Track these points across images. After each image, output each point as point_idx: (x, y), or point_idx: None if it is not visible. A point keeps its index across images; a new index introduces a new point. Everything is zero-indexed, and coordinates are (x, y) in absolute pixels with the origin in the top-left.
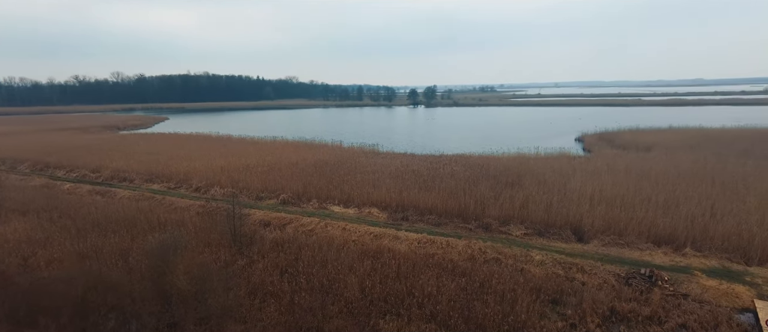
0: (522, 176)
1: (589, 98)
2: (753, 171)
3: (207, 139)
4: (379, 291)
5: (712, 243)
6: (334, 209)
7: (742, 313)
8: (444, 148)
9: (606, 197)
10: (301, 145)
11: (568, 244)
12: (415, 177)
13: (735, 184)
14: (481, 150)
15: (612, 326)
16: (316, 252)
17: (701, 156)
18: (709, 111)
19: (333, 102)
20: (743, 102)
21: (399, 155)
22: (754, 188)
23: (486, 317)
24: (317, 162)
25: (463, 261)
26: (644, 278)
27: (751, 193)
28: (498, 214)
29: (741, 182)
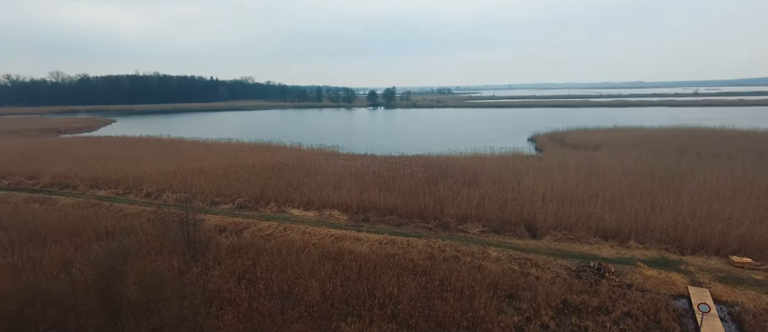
0: (478, 175)
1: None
2: (687, 167)
3: (158, 142)
4: (341, 293)
5: (652, 235)
6: (293, 212)
7: (677, 299)
8: (404, 149)
9: (557, 195)
10: (258, 147)
11: (522, 240)
12: (375, 178)
13: (671, 180)
14: (440, 151)
15: (564, 318)
16: (275, 256)
17: (642, 154)
18: (648, 111)
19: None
20: (676, 104)
21: (359, 157)
22: (687, 183)
23: (446, 314)
24: (275, 164)
25: (423, 260)
26: (593, 270)
27: (685, 188)
28: (456, 213)
29: (676, 177)
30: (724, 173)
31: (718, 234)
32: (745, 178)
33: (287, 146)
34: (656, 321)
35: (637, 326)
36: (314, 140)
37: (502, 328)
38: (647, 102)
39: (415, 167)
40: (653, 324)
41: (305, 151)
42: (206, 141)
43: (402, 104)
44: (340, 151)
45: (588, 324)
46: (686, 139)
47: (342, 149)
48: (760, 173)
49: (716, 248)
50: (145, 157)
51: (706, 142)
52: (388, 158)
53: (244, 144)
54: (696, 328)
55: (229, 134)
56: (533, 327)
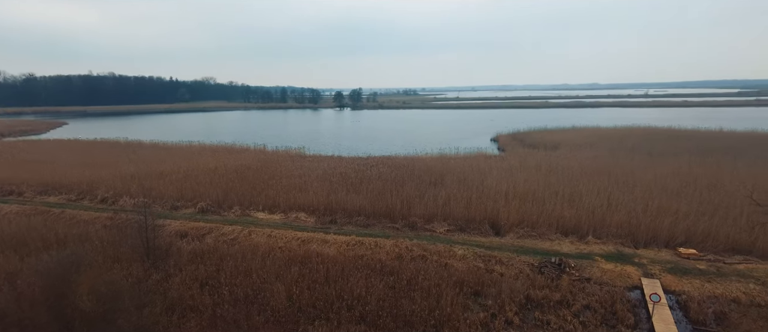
0: (444, 175)
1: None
2: (639, 165)
3: (114, 145)
4: (308, 297)
5: (608, 231)
6: (258, 215)
7: (632, 291)
8: (371, 150)
9: (519, 193)
10: (221, 149)
11: (486, 238)
12: (343, 180)
13: (625, 177)
14: (407, 151)
15: (528, 313)
16: (240, 261)
17: (599, 153)
18: (603, 112)
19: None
20: (629, 104)
21: (326, 158)
22: (640, 180)
23: (413, 313)
24: (239, 167)
25: (391, 260)
26: (554, 266)
27: (637, 184)
28: (423, 212)
29: (630, 175)
30: (672, 169)
31: (667, 228)
32: (691, 174)
33: (251, 148)
34: (613, 313)
35: (596, 318)
36: (279, 141)
37: (468, 325)
38: (602, 103)
39: (382, 168)
40: (610, 316)
41: (270, 153)
42: (166, 144)
43: (368, 105)
44: (306, 153)
45: (550, 318)
46: (638, 138)
47: (308, 150)
48: (703, 169)
49: (666, 241)
50: (100, 161)
51: (656, 141)
52: (356, 160)
53: (206, 146)
54: (648, 317)
55: (190, 137)
56: (498, 323)
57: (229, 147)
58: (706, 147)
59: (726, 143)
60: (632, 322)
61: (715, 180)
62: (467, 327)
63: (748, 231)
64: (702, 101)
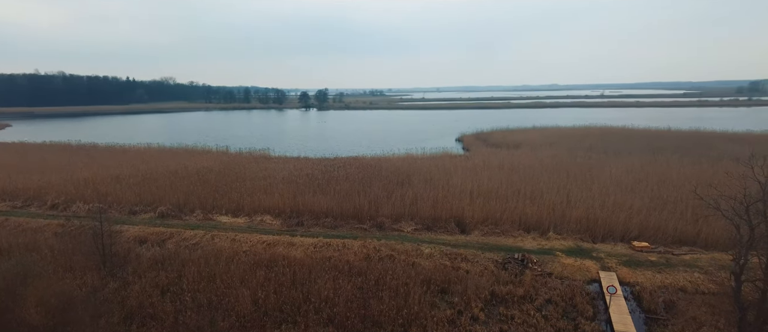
0: (411, 175)
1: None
2: (596, 163)
3: (66, 148)
4: (274, 300)
5: (568, 226)
6: (221, 219)
7: (590, 284)
8: (338, 150)
9: (483, 191)
10: (181, 151)
11: (453, 236)
12: (309, 181)
13: (583, 174)
14: (374, 152)
15: (493, 308)
16: (203, 266)
17: (558, 152)
18: (562, 112)
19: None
20: (586, 104)
21: (292, 159)
22: (597, 177)
23: (382, 313)
24: (200, 170)
25: (359, 261)
26: (518, 262)
27: (595, 182)
28: (390, 212)
29: (587, 172)
30: (626, 167)
31: (622, 222)
32: (643, 171)
33: (213, 150)
34: (573, 306)
35: (557, 311)
36: (243, 143)
37: (435, 323)
38: (561, 103)
39: (349, 168)
40: (571, 309)
41: (233, 155)
42: (123, 146)
43: (335, 105)
44: (271, 154)
45: (514, 312)
46: (595, 137)
47: (273, 152)
48: (653, 166)
49: (621, 235)
50: (49, 165)
51: (612, 140)
52: (322, 160)
53: (166, 149)
54: (606, 309)
55: (148, 139)
56: (464, 319)
57: (190, 149)
58: (656, 146)
59: (673, 142)
60: (591, 314)
61: (664, 177)
62: (434, 325)
63: (693, 224)
64: (652, 102)
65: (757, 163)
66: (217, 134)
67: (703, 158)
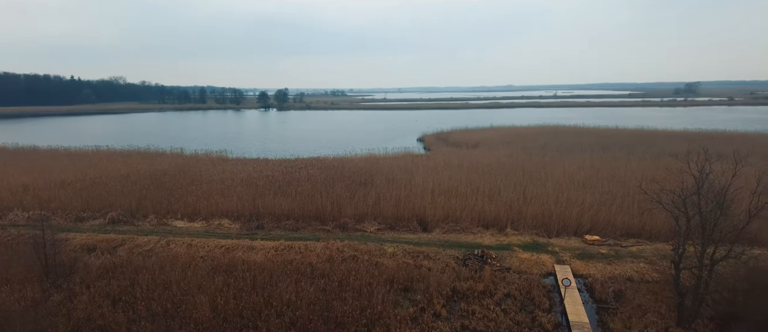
0: (374, 175)
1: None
2: (550, 161)
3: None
4: (234, 306)
5: (525, 222)
6: (177, 224)
7: (546, 277)
8: (299, 151)
9: (444, 190)
10: (133, 154)
11: (415, 234)
12: (269, 183)
13: (538, 172)
14: (336, 152)
15: (454, 304)
16: (158, 273)
17: (514, 150)
18: (518, 112)
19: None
20: (540, 105)
21: (251, 161)
22: (551, 174)
23: (345, 314)
24: (154, 173)
25: (322, 263)
26: (477, 258)
27: (549, 179)
28: (353, 213)
29: (542, 170)
30: (578, 164)
31: (575, 217)
32: (594, 168)
33: (167, 153)
34: (530, 299)
35: (516, 305)
36: (199, 144)
37: (398, 321)
38: (517, 104)
39: (311, 169)
40: (528, 302)
41: (189, 157)
42: (68, 150)
43: (295, 105)
44: (229, 156)
45: (475, 308)
46: (549, 136)
47: (231, 153)
48: (603, 163)
49: (575, 229)
50: None
51: (564, 138)
52: (283, 162)
53: (116, 152)
54: (561, 300)
55: (96, 141)
56: (427, 316)
57: (142, 152)
58: (605, 143)
59: (621, 140)
60: (547, 306)
61: (613, 173)
62: (398, 323)
63: (639, 217)
64: (601, 102)
65: (692, 159)
66: (172, 136)
67: (647, 155)
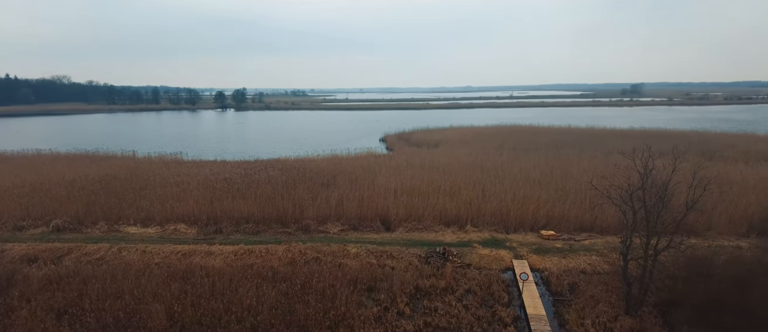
0: (336, 176)
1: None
2: (507, 160)
3: None
4: (192, 313)
5: (484, 219)
6: (129, 230)
7: (505, 272)
8: (259, 153)
9: (406, 189)
10: (80, 158)
11: (378, 234)
12: (228, 185)
13: (496, 170)
14: (297, 153)
15: (417, 302)
16: (108, 283)
17: (473, 150)
18: (476, 112)
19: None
20: (497, 105)
21: (208, 163)
22: (508, 172)
23: (308, 317)
24: (103, 177)
25: (284, 266)
26: (439, 255)
27: (506, 177)
28: (316, 214)
29: (500, 168)
30: (534, 162)
31: (531, 213)
32: (548, 165)
33: (118, 155)
34: (490, 294)
35: (476, 300)
36: (152, 146)
37: (362, 321)
38: (475, 104)
39: (271, 171)
40: (488, 297)
41: (141, 160)
42: (4, 154)
43: (254, 105)
44: (184, 158)
45: (437, 304)
46: (506, 135)
47: (187, 155)
48: (557, 161)
49: (531, 225)
50: None
51: (521, 137)
52: (242, 163)
53: (61, 155)
54: (519, 294)
55: (37, 144)
56: (391, 315)
57: (90, 155)
58: (558, 142)
59: (573, 138)
60: (507, 300)
61: (566, 170)
62: (361, 324)
63: (590, 212)
64: (554, 102)
65: (637, 156)
66: (123, 138)
67: (598, 153)
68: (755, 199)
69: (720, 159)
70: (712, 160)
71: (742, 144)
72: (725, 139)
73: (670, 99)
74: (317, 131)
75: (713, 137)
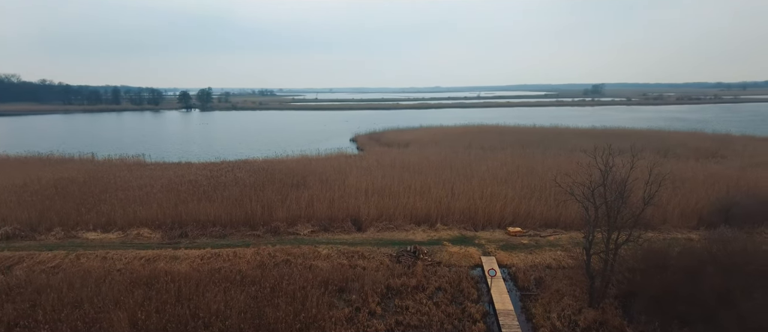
0: (306, 176)
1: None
2: (475, 159)
3: None
4: (156, 320)
5: (453, 218)
6: (88, 236)
7: (474, 269)
8: (225, 154)
9: (377, 189)
10: (32, 161)
11: (349, 234)
12: (193, 188)
13: (465, 169)
14: (266, 154)
15: (389, 301)
16: (65, 291)
17: (443, 149)
18: (445, 112)
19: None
20: (465, 105)
21: (172, 165)
22: (476, 171)
23: (278, 320)
24: (59, 181)
25: (253, 270)
26: (410, 254)
27: (475, 175)
28: (286, 216)
29: (468, 167)
30: (501, 161)
31: (499, 211)
32: (514, 164)
33: (76, 158)
34: (460, 290)
35: (446, 297)
36: (113, 148)
37: (334, 323)
38: (444, 105)
39: (239, 172)
40: (458, 293)
41: (101, 162)
42: None
43: (220, 105)
44: (146, 160)
45: (408, 303)
46: (474, 135)
47: (149, 157)
48: (522, 160)
49: (498, 222)
50: None
51: (488, 137)
52: (208, 165)
53: (9, 158)
54: (488, 290)
55: None
56: (362, 315)
57: (43, 158)
58: (524, 141)
59: (538, 137)
60: (476, 296)
61: (531, 168)
62: (333, 325)
63: (555, 208)
64: (520, 102)
65: (598, 154)
66: (81, 140)
67: (562, 151)
68: (704, 194)
69: (673, 156)
70: (666, 157)
71: (693, 142)
72: (678, 137)
73: (629, 99)
74: (286, 131)
75: (667, 136)
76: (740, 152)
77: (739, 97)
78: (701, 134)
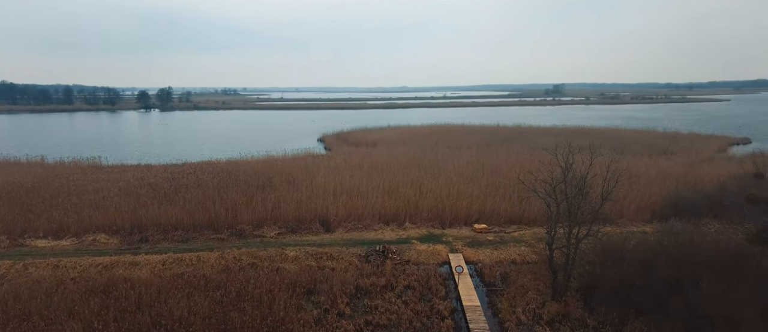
0: (272, 177)
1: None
2: (442, 157)
3: None
4: (114, 329)
5: (421, 216)
6: (38, 244)
7: (442, 266)
8: (187, 155)
9: (346, 189)
10: None
11: (317, 236)
12: (153, 191)
13: (432, 168)
14: (230, 155)
15: (358, 301)
16: (11, 303)
17: (410, 149)
18: (412, 112)
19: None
20: (432, 105)
21: (130, 168)
22: (443, 170)
23: (244, 325)
24: (4, 186)
25: (217, 274)
26: (379, 253)
27: (442, 174)
28: (251, 218)
29: (435, 166)
30: (467, 159)
31: (465, 208)
32: (480, 162)
33: (23, 161)
34: (428, 288)
35: (415, 295)
36: (65, 151)
37: (302, 325)
38: (411, 104)
39: (202, 174)
40: (427, 291)
41: (52, 166)
42: None
43: (181, 105)
44: (103, 163)
45: (378, 302)
46: (441, 134)
47: (106, 160)
48: (487, 158)
49: (465, 219)
50: None
51: (454, 136)
52: (169, 167)
53: None
54: (455, 287)
55: None
56: (331, 316)
57: None
58: (489, 140)
59: (502, 136)
60: (444, 293)
61: (496, 166)
62: (301, 328)
63: (519, 205)
64: (485, 102)
65: (559, 152)
66: (28, 142)
67: (525, 149)
68: (657, 189)
69: (629, 153)
70: (622, 154)
71: (646, 140)
72: (633, 135)
73: (588, 99)
74: (251, 131)
75: (623, 134)
76: (688, 148)
77: (686, 97)
78: (653, 132)
